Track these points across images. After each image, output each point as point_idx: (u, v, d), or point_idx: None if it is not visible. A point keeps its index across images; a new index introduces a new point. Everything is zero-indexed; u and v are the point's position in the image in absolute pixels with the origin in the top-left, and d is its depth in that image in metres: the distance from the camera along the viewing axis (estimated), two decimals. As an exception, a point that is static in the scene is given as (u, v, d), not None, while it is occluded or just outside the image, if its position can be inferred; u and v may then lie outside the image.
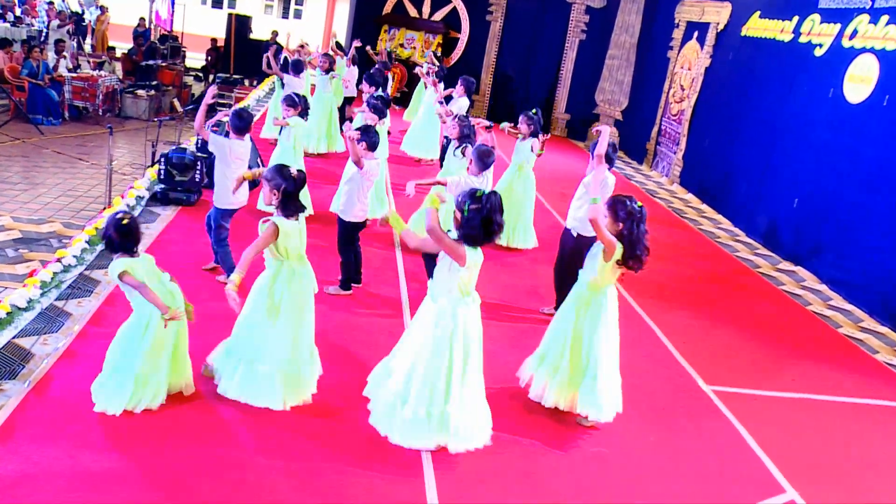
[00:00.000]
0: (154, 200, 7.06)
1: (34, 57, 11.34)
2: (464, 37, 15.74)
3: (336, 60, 10.75)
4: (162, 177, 7.11)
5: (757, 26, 10.40)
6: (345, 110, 10.91)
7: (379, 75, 9.58)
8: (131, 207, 6.69)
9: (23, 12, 16.92)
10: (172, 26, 18.36)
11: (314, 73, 10.26)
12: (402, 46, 15.67)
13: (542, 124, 6.95)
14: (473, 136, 6.53)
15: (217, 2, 26.29)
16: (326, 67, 9.88)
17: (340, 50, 12.41)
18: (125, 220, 3.65)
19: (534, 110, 6.99)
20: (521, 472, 3.82)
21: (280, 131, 7.04)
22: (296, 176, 3.90)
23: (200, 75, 17.47)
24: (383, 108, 7.04)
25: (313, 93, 9.92)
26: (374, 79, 8.90)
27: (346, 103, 11.17)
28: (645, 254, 3.97)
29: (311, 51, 12.41)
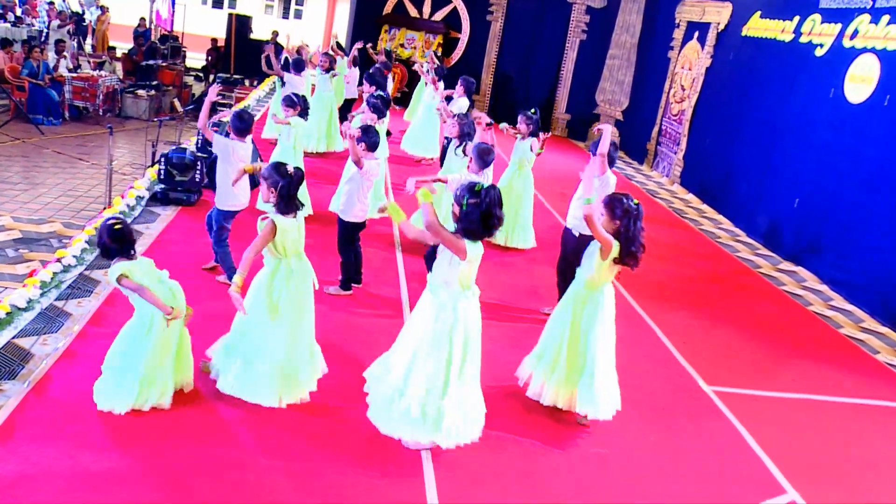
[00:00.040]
0: (154, 200, 7.07)
1: (34, 57, 11.34)
2: (464, 37, 15.74)
3: (337, 60, 10.74)
4: (162, 177, 7.11)
5: (758, 26, 10.39)
6: (346, 111, 10.90)
7: (379, 75, 9.57)
8: (131, 207, 6.70)
9: (23, 12, 16.92)
10: (173, 26, 18.34)
11: (314, 73, 10.26)
12: (403, 46, 15.66)
13: (541, 124, 6.94)
14: (473, 135, 6.52)
15: (217, 2, 26.30)
16: (327, 66, 9.87)
17: (341, 50, 12.40)
18: (117, 226, 3.66)
19: (532, 110, 6.98)
20: (522, 473, 3.82)
21: (280, 131, 7.03)
22: (293, 173, 3.90)
23: (201, 75, 17.46)
24: (383, 108, 7.03)
25: (313, 92, 9.92)
26: (375, 78, 8.88)
27: (348, 104, 11.16)
28: (640, 251, 3.98)
29: (311, 50, 12.38)
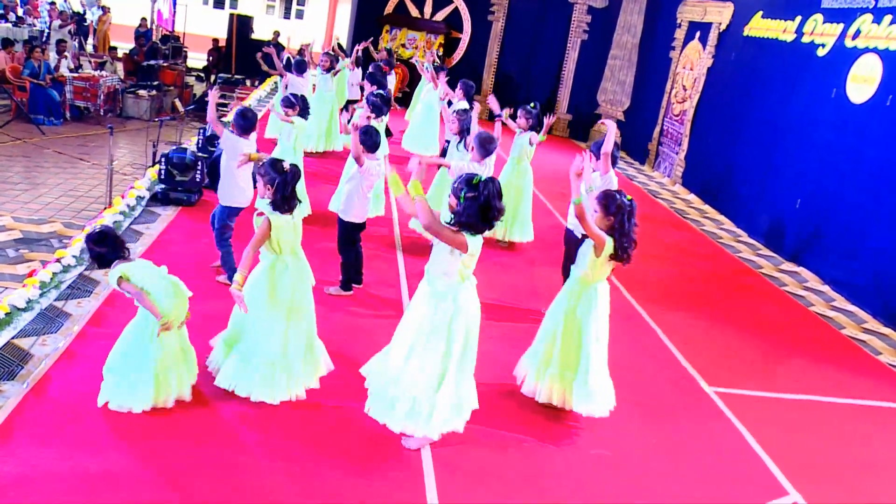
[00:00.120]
0: (154, 200, 7.06)
1: (36, 57, 11.33)
2: (465, 37, 15.73)
3: (339, 60, 10.72)
4: (162, 177, 7.11)
5: (759, 26, 10.37)
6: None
7: (379, 73, 9.56)
8: (132, 207, 6.69)
9: (25, 12, 16.93)
10: (174, 26, 18.33)
11: (315, 73, 10.24)
12: (404, 46, 15.65)
13: (541, 119, 6.95)
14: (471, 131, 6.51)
15: (219, 2, 26.32)
16: (328, 66, 9.86)
17: (342, 51, 12.38)
18: (98, 231, 3.71)
19: (532, 104, 6.98)
20: (523, 473, 3.80)
21: (280, 131, 7.02)
22: (289, 170, 3.89)
23: (202, 75, 17.45)
24: (382, 106, 7.00)
25: (314, 91, 9.90)
26: (375, 77, 8.88)
27: (349, 105, 11.14)
28: (632, 247, 3.99)
29: (312, 45, 12.31)
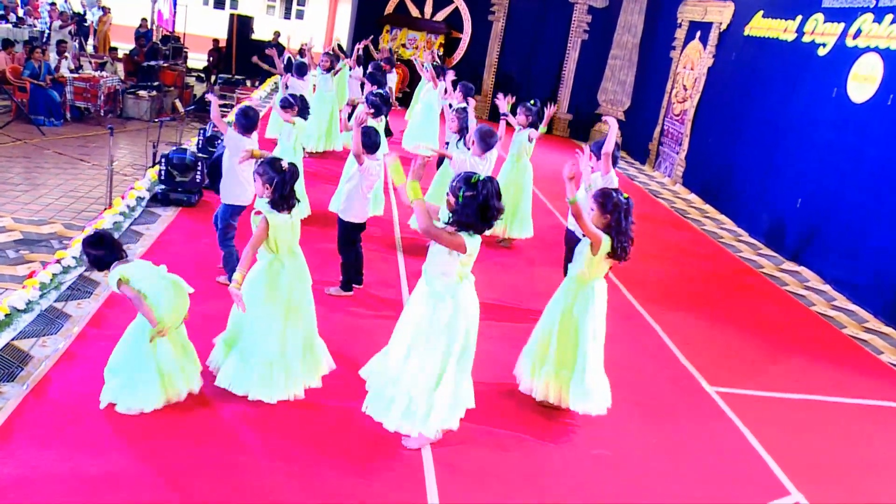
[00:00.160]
0: (154, 201, 7.05)
1: (36, 58, 11.33)
2: (466, 37, 15.72)
3: (339, 59, 10.71)
4: (162, 177, 7.10)
5: (760, 26, 10.36)
6: (350, 113, 10.87)
7: (379, 73, 9.54)
8: (132, 208, 6.68)
9: (25, 13, 16.94)
10: (174, 27, 18.32)
11: (315, 73, 10.23)
12: (405, 47, 15.65)
13: (541, 113, 6.95)
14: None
15: (219, 2, 26.31)
16: (328, 66, 9.85)
17: (342, 52, 12.37)
18: (94, 234, 3.72)
19: (532, 101, 6.97)
20: (523, 473, 3.79)
21: (281, 131, 7.01)
22: (287, 169, 3.87)
23: (202, 76, 17.45)
24: (381, 105, 6.99)
25: (315, 91, 9.89)
26: (376, 77, 8.87)
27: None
28: (630, 245, 3.99)
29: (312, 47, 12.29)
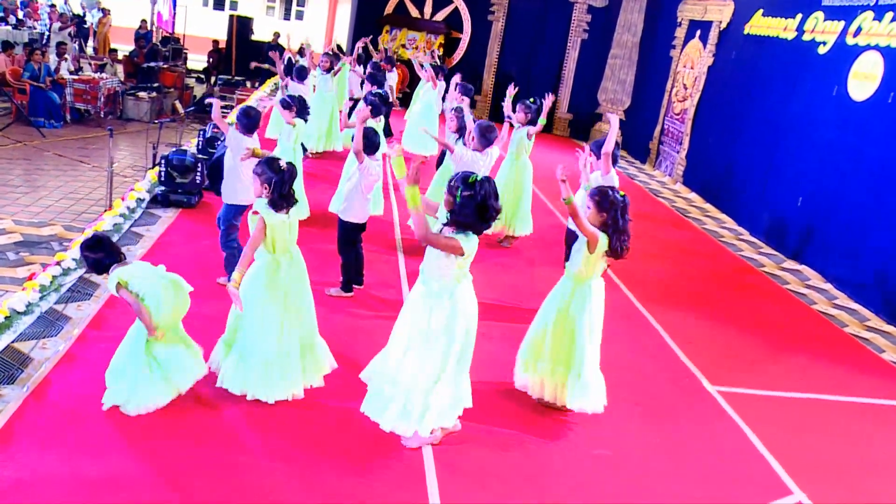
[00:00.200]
0: (154, 203, 7.05)
1: (36, 60, 11.33)
2: (465, 37, 15.71)
3: (339, 58, 10.70)
4: (162, 179, 7.09)
5: (760, 24, 10.34)
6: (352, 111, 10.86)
7: (379, 73, 9.53)
8: (132, 210, 6.68)
9: (25, 15, 16.95)
10: (174, 28, 18.31)
11: (315, 74, 10.22)
12: (404, 47, 15.64)
13: (539, 108, 6.94)
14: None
15: (219, 3, 26.31)
16: (327, 66, 9.84)
17: (341, 52, 12.35)
18: (92, 237, 3.73)
19: (532, 99, 6.96)
20: (524, 473, 3.78)
21: (281, 131, 7.00)
22: (285, 168, 3.86)
23: (202, 77, 17.45)
24: (380, 105, 6.97)
25: (314, 92, 9.88)
26: (376, 77, 8.86)
27: (355, 104, 11.10)
28: (627, 243, 3.99)
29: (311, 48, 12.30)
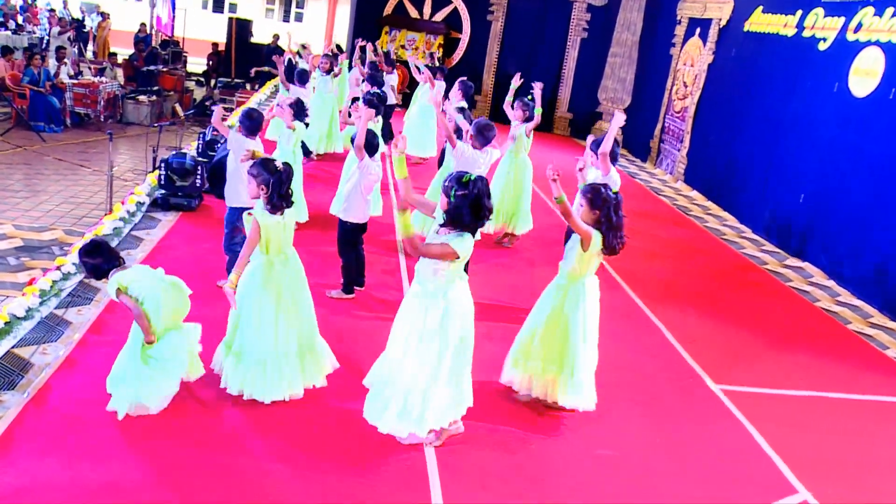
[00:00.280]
0: (155, 206, 7.04)
1: (35, 64, 11.34)
2: (465, 37, 15.69)
3: (339, 58, 10.68)
4: (162, 182, 7.08)
5: (760, 21, 10.31)
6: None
7: (378, 74, 9.51)
8: (132, 213, 6.67)
9: (24, 20, 16.98)
10: (173, 31, 18.32)
11: (315, 75, 10.22)
12: (404, 48, 15.62)
13: (532, 99, 6.92)
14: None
15: (218, 6, 26.32)
16: (327, 68, 9.83)
17: (341, 52, 12.35)
18: (90, 242, 3.73)
19: (530, 96, 6.95)
20: (526, 474, 3.77)
21: (280, 133, 6.98)
22: (282, 169, 3.84)
23: (202, 80, 17.47)
24: (378, 105, 6.96)
25: (314, 93, 9.87)
26: (375, 78, 8.85)
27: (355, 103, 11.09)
28: (622, 240, 3.99)
29: (311, 51, 12.31)
